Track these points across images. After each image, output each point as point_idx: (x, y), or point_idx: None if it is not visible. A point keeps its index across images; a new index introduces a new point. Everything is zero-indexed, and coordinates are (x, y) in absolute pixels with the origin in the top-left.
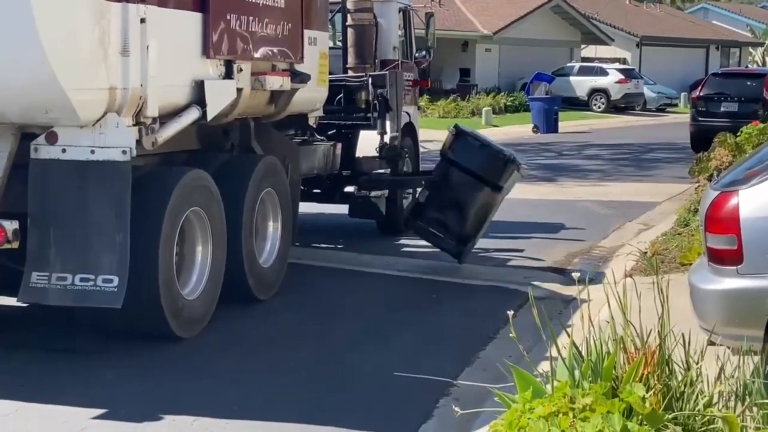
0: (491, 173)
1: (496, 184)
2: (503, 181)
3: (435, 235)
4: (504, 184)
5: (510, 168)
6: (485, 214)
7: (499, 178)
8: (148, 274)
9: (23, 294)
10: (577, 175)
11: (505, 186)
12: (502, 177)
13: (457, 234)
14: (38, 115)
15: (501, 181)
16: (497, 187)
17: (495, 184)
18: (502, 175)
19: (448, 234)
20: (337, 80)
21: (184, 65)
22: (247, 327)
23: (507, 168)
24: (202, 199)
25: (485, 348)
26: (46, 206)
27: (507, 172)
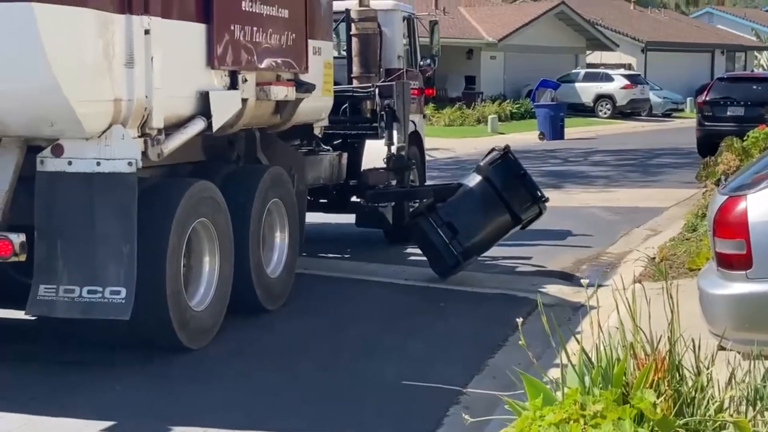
0: (518, 204)
1: (518, 215)
2: (525, 215)
3: (439, 236)
4: (524, 217)
5: (535, 207)
6: (494, 239)
7: (522, 211)
8: (155, 285)
9: (31, 307)
10: (583, 181)
11: (524, 219)
12: (526, 212)
13: (463, 243)
14: (44, 127)
15: (523, 215)
16: (518, 219)
17: (517, 216)
18: (527, 210)
19: (455, 240)
20: (343, 91)
21: (188, 76)
22: (255, 337)
23: (533, 206)
24: (208, 211)
25: (494, 355)
26: (52, 219)
27: (531, 210)
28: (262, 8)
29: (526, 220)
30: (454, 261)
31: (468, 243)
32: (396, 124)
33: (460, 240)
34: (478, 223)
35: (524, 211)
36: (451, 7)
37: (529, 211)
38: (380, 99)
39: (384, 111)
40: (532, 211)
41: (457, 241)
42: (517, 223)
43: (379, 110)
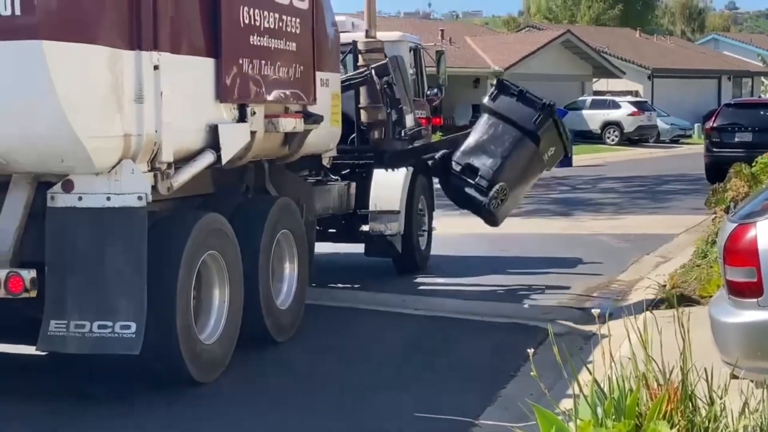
0: (526, 119)
1: (532, 131)
2: (539, 130)
3: (463, 180)
4: (539, 132)
5: (548, 120)
6: (519, 164)
7: (534, 126)
8: (165, 319)
9: (42, 343)
10: (592, 208)
11: (539, 133)
12: (540, 126)
13: (487, 177)
14: (54, 163)
15: (537, 130)
16: (533, 135)
17: (531, 131)
18: (540, 124)
19: (479, 177)
20: (345, 80)
21: (198, 110)
22: (265, 370)
23: (544, 118)
24: (218, 243)
25: (507, 386)
26: (63, 254)
27: (545, 123)
28: (270, 41)
29: (544, 133)
30: (483, 200)
31: (491, 176)
32: (401, 98)
33: (484, 175)
34: (494, 153)
35: (537, 126)
36: (457, 37)
37: (543, 125)
38: (378, 79)
39: (384, 89)
40: (546, 125)
41: (482, 177)
42: (535, 140)
43: (380, 90)
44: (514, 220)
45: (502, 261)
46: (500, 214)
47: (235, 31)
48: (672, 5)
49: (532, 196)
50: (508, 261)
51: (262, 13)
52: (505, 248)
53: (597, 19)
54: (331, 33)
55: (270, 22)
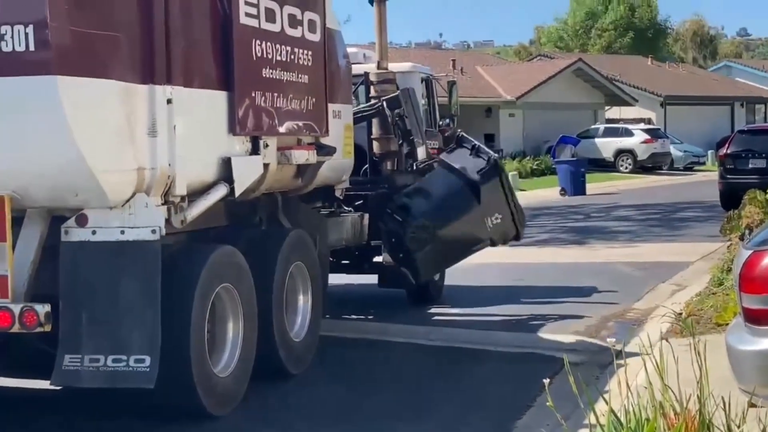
0: (472, 170)
1: (475, 182)
2: (483, 182)
3: (392, 217)
4: (482, 185)
5: (491, 170)
6: (456, 218)
7: (478, 176)
8: (180, 352)
9: (56, 377)
10: (606, 236)
11: (483, 189)
12: (483, 176)
13: (416, 215)
14: (68, 197)
15: (481, 182)
16: (475, 186)
17: (474, 182)
18: (482, 174)
19: (408, 215)
20: (357, 112)
21: (211, 143)
22: (279, 402)
23: (489, 170)
24: (232, 276)
25: (523, 416)
26: (77, 288)
27: (488, 173)
28: (283, 74)
29: (487, 192)
30: (406, 234)
31: (419, 214)
32: (412, 129)
33: (413, 214)
34: (431, 196)
35: (480, 177)
36: (468, 67)
37: (486, 179)
38: (390, 111)
39: (396, 122)
40: (491, 181)
41: (410, 215)
42: (475, 192)
43: (391, 122)
44: (528, 249)
45: (516, 290)
46: (421, 259)
47: (247, 65)
48: (683, 32)
49: (545, 225)
50: (522, 290)
51: (274, 46)
52: (519, 277)
53: (608, 48)
54: (342, 65)
55: (282, 55)
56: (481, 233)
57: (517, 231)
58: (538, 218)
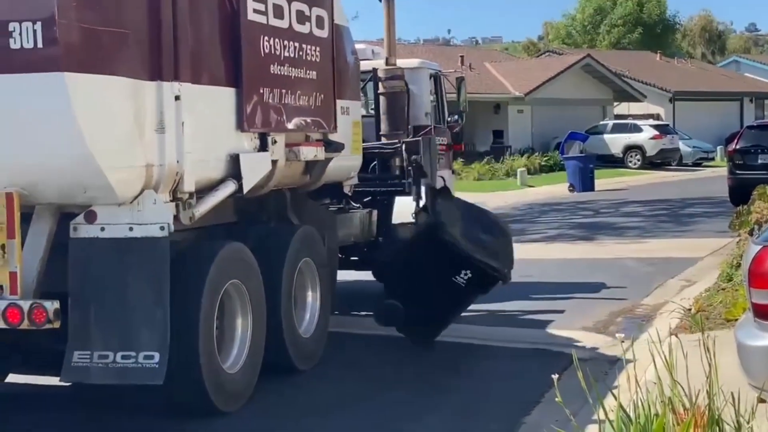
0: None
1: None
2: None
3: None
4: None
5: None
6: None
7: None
8: (188, 349)
9: (66, 373)
10: (615, 232)
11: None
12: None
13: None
14: (77, 194)
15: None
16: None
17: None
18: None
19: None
20: (371, 148)
21: (219, 140)
22: (288, 399)
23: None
24: (240, 272)
25: (531, 412)
26: (86, 285)
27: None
28: (291, 71)
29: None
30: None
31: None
32: (424, 180)
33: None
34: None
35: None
36: (477, 64)
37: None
38: (407, 154)
39: (411, 166)
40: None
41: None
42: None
43: (406, 166)
44: (537, 246)
45: (524, 287)
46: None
47: (255, 61)
48: (692, 28)
49: (554, 221)
50: (530, 286)
51: (282, 43)
52: (528, 274)
53: (617, 44)
54: (351, 61)
55: (290, 51)
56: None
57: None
58: (547, 214)
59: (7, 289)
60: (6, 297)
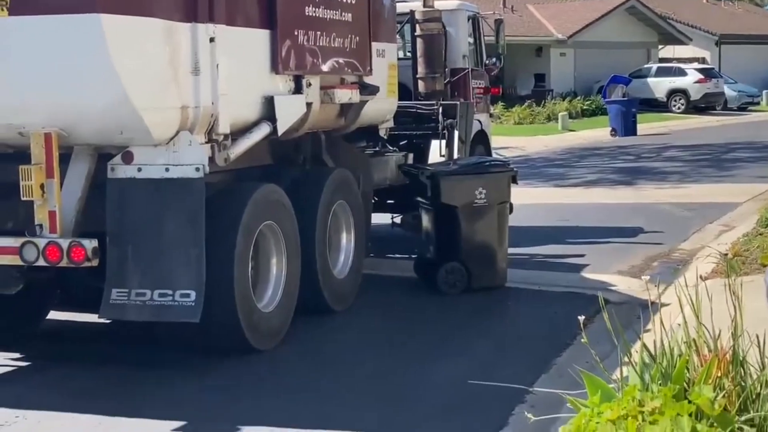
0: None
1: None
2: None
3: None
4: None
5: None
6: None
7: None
8: (224, 287)
9: (104, 310)
10: (656, 177)
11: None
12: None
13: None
14: (114, 136)
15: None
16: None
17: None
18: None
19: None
20: (407, 107)
21: (253, 82)
22: (323, 338)
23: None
24: (275, 213)
25: (562, 354)
26: (123, 224)
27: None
28: (326, 12)
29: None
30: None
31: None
32: (458, 144)
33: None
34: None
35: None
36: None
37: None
38: (443, 117)
39: (446, 129)
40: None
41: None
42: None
43: (441, 129)
44: (576, 190)
45: (561, 231)
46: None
47: (290, 2)
48: None
49: (594, 166)
50: (567, 231)
51: None
52: (565, 218)
53: None
54: (387, 3)
55: None
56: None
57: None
58: (587, 159)
59: (47, 228)
60: (46, 235)
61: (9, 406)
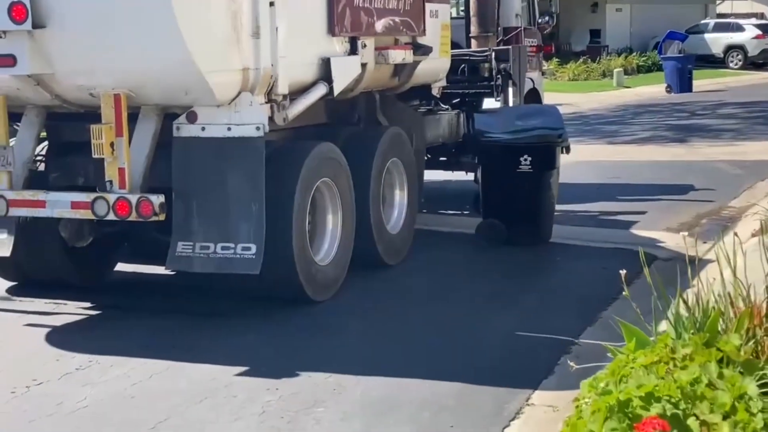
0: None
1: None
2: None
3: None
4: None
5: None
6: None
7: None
8: (283, 241)
9: (170, 262)
10: (709, 135)
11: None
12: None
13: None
14: (179, 96)
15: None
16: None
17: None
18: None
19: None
20: (460, 55)
21: (311, 44)
22: (376, 290)
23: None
24: (331, 171)
25: (607, 308)
26: (188, 181)
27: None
28: None
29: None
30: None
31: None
32: (512, 88)
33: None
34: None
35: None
36: None
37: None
38: (496, 63)
39: (500, 74)
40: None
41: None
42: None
43: (495, 74)
44: (628, 147)
45: (612, 188)
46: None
47: None
48: None
49: (648, 123)
50: (618, 188)
51: None
52: (616, 175)
53: None
54: None
55: None
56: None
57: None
58: (641, 116)
59: (116, 184)
60: (115, 191)
61: (84, 351)
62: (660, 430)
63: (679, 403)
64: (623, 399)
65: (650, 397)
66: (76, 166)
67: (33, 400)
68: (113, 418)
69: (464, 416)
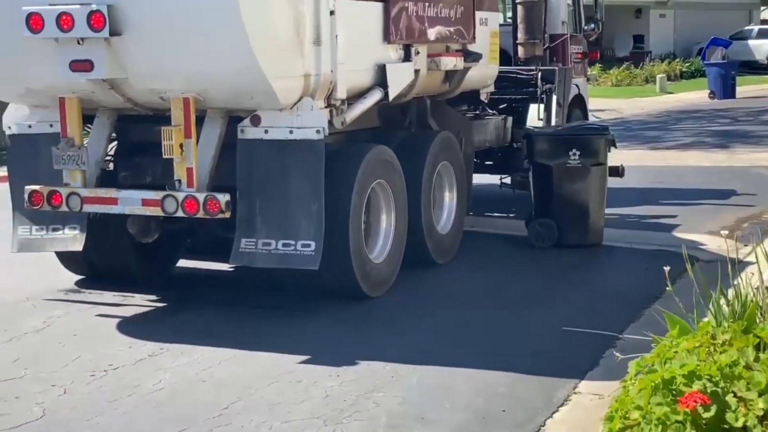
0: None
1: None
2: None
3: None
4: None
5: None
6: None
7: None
8: (340, 239)
9: (234, 258)
10: (752, 140)
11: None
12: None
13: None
14: (244, 100)
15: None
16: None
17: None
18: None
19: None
20: (507, 72)
21: (368, 51)
22: (427, 287)
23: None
24: (385, 172)
25: (651, 306)
26: (252, 180)
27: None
28: None
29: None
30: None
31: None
32: (556, 109)
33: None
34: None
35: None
36: None
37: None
38: (542, 83)
39: (545, 94)
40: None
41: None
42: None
43: (539, 93)
44: (671, 153)
45: (654, 192)
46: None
47: None
48: None
49: (691, 129)
50: (660, 192)
51: None
52: (660, 180)
53: None
54: None
55: None
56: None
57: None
58: (684, 122)
59: (185, 183)
60: (184, 189)
61: (154, 339)
62: (702, 402)
63: (719, 382)
64: (667, 377)
65: (692, 375)
66: (143, 165)
67: (111, 382)
68: (188, 399)
69: (515, 403)
